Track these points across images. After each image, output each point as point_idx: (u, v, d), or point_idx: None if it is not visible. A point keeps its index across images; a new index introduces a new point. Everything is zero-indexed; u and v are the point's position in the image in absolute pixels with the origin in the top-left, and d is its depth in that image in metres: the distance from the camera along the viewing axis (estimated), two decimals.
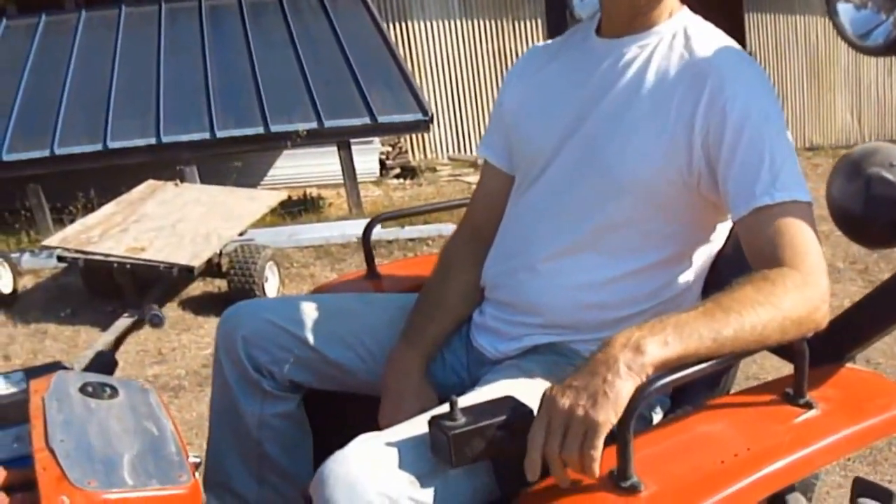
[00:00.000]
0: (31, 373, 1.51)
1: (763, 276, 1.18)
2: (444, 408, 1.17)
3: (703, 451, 1.19)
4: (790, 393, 1.26)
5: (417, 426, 1.21)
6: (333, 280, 2.15)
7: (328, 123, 6.88)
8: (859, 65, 11.39)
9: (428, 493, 1.14)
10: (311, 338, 1.57)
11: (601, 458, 1.05)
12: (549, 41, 1.66)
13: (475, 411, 1.15)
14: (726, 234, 1.46)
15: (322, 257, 5.87)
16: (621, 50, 1.43)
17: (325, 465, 1.17)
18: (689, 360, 1.11)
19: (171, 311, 4.93)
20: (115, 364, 1.65)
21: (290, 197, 7.11)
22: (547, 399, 1.08)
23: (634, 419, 1.05)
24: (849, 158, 1.34)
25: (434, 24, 10.06)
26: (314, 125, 6.85)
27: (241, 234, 5.20)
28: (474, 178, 8.84)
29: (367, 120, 6.95)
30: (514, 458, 1.12)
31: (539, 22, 9.89)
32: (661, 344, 1.08)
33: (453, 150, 10.19)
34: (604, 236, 1.41)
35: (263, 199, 5.65)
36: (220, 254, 4.95)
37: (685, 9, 1.45)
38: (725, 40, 1.40)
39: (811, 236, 1.22)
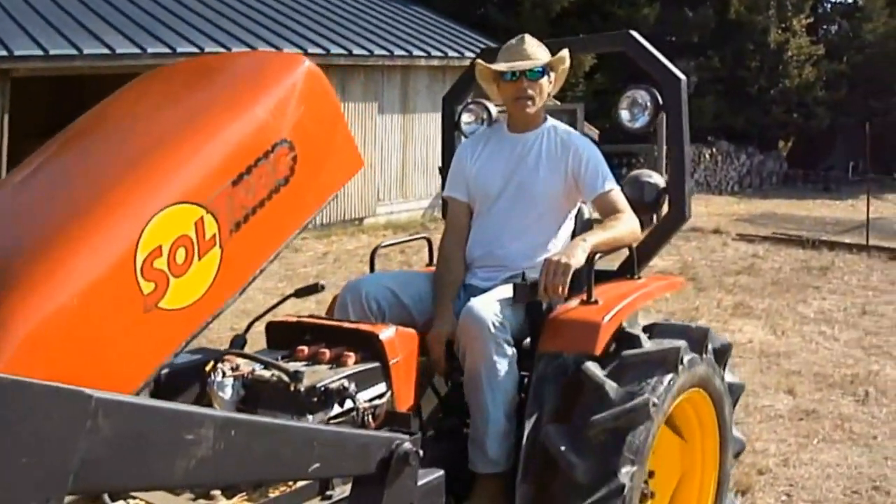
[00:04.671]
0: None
1: (614, 216, 3.36)
2: (518, 280, 3.16)
3: (614, 291, 3.34)
4: (629, 276, 3.49)
5: (497, 293, 3.18)
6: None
7: None
8: None
9: (508, 316, 3.06)
10: (397, 291, 3.39)
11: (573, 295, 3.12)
12: (478, 134, 3.80)
13: (529, 279, 3.12)
14: (575, 220, 3.63)
15: None
16: (525, 139, 3.56)
17: (470, 306, 3.06)
18: (602, 248, 3.24)
19: None
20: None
21: None
22: (548, 260, 3.07)
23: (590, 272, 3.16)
24: (631, 177, 3.67)
25: None
26: None
27: None
28: None
29: None
30: (537, 305, 3.14)
31: None
32: (591, 238, 3.18)
33: None
34: (533, 223, 3.49)
35: None
36: None
37: (549, 116, 3.63)
38: (570, 128, 3.61)
39: (625, 200, 3.43)
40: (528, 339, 3.25)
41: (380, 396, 2.71)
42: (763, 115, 26.38)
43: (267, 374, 2.57)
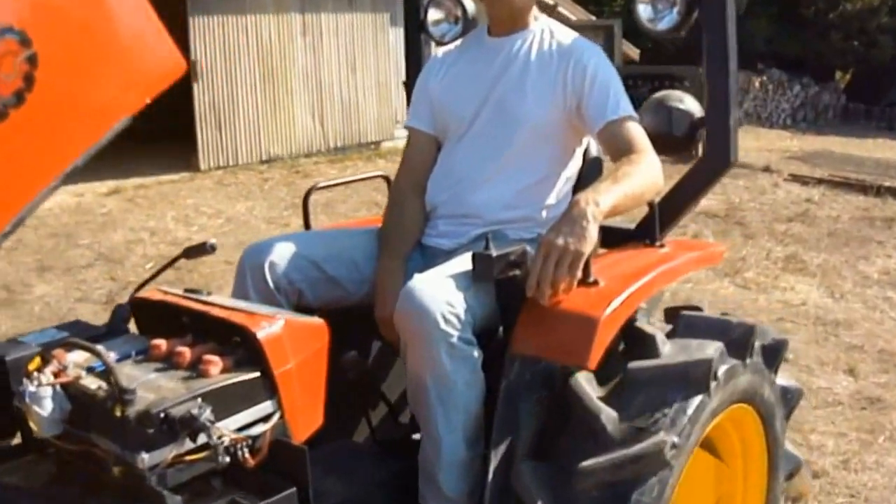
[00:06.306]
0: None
1: (629, 160, 2.47)
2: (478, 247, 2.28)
3: (622, 266, 2.50)
4: (648, 242, 2.60)
5: (452, 267, 2.36)
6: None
7: None
8: (319, 64, 13.41)
9: (469, 301, 2.26)
10: (318, 259, 2.59)
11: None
12: (451, 46, 2.94)
13: (498, 247, 2.24)
14: (581, 157, 2.77)
15: None
16: (511, 44, 2.72)
17: (410, 290, 2.25)
18: (618, 210, 2.35)
19: None
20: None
21: None
22: (545, 240, 2.20)
23: None
24: (653, 100, 2.76)
25: None
26: None
27: None
28: None
29: None
30: (513, 281, 2.25)
31: None
32: (606, 200, 2.28)
33: None
34: (514, 161, 2.65)
35: None
36: None
37: (543, 14, 2.76)
38: (573, 33, 2.73)
39: (644, 135, 2.56)
40: (502, 330, 2.43)
41: (263, 420, 2.00)
42: (820, 41, 25.17)
43: (94, 384, 1.90)
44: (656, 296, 2.70)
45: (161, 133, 13.89)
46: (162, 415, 1.80)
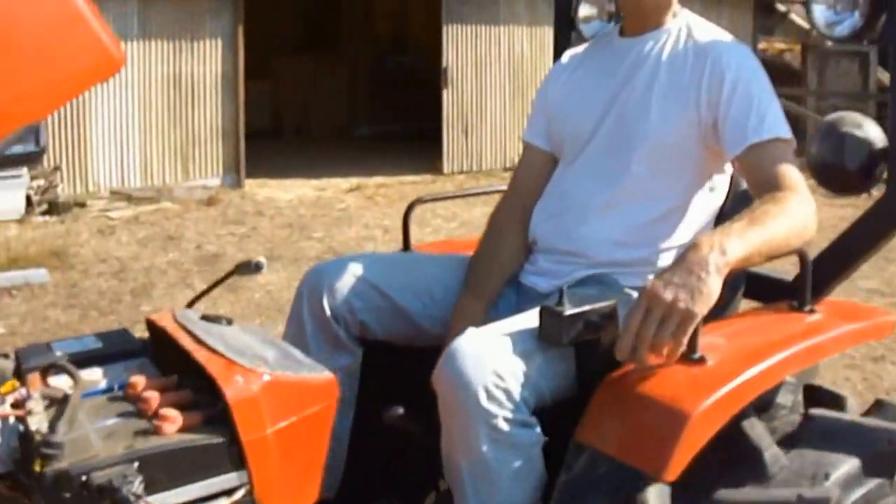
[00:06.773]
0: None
1: (774, 197, 1.81)
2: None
3: (746, 337, 1.86)
4: (795, 304, 1.93)
5: (519, 323, 1.81)
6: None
7: None
8: None
9: (528, 370, 1.72)
10: (385, 287, 2.14)
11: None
12: (580, 47, 2.39)
13: (575, 302, 1.68)
14: (726, 189, 2.15)
15: None
16: (642, 45, 2.13)
17: (455, 344, 1.72)
18: (753, 260, 1.72)
19: None
20: None
21: None
22: (649, 290, 1.59)
23: None
24: (825, 123, 2.10)
25: None
26: None
27: None
28: (121, 213, 9.21)
29: None
30: (596, 347, 1.70)
31: (220, 42, 10.46)
32: (735, 247, 1.65)
33: (117, 182, 10.14)
34: (632, 189, 2.06)
35: None
36: None
37: (685, 10, 2.16)
38: (718, 30, 2.12)
39: (795, 165, 1.91)
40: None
41: (226, 494, 1.56)
42: None
43: (36, 425, 1.53)
44: (809, 368, 2.02)
45: (408, 135, 13.75)
46: (83, 478, 1.43)
